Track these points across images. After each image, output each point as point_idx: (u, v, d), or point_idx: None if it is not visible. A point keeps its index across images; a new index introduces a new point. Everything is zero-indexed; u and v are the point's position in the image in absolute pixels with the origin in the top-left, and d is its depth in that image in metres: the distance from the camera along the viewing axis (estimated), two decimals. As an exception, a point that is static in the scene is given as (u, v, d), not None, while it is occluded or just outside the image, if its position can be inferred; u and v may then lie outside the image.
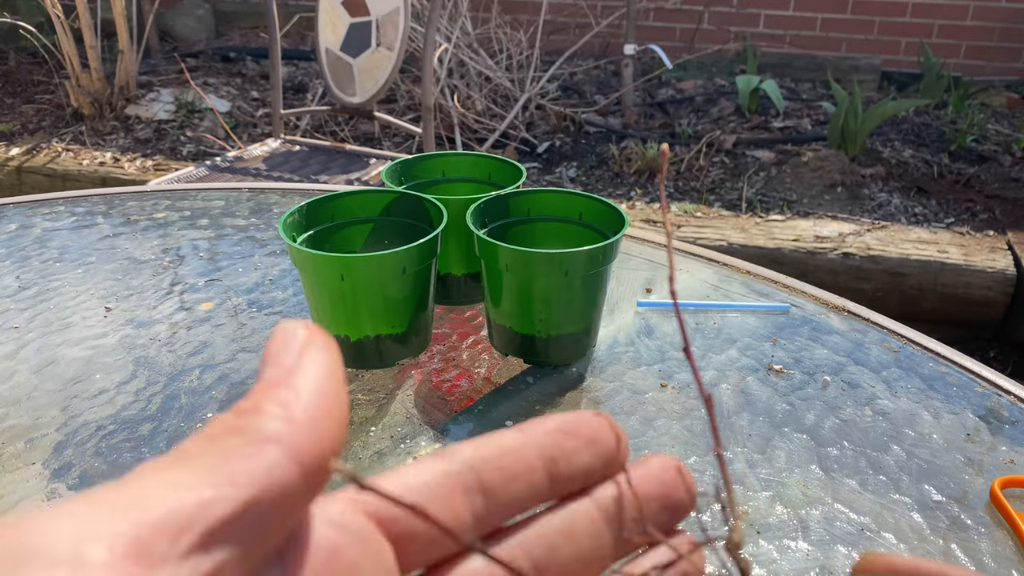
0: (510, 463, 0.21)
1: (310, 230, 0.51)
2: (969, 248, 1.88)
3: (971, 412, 0.49)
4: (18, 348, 0.53)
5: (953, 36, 3.00)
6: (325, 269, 0.45)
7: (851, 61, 3.05)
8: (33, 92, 3.01)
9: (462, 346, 0.53)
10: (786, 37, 3.14)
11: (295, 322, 0.18)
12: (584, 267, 0.46)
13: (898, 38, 3.05)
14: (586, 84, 3.04)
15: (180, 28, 3.59)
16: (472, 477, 0.21)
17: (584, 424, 0.23)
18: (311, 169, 1.58)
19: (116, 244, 0.70)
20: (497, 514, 0.21)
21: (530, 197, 0.53)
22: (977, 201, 2.20)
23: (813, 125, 2.68)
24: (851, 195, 2.21)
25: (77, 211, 0.78)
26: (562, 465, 0.22)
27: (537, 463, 0.22)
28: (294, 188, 0.85)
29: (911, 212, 2.14)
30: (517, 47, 2.72)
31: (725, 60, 3.16)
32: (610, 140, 2.58)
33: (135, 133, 2.66)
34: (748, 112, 2.75)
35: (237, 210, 0.79)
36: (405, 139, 2.60)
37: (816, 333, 0.56)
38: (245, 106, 2.86)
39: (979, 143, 2.55)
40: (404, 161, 0.59)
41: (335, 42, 1.62)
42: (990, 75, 3.02)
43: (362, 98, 1.61)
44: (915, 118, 2.74)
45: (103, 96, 2.71)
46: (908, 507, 0.41)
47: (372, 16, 1.58)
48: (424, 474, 0.20)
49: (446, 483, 0.20)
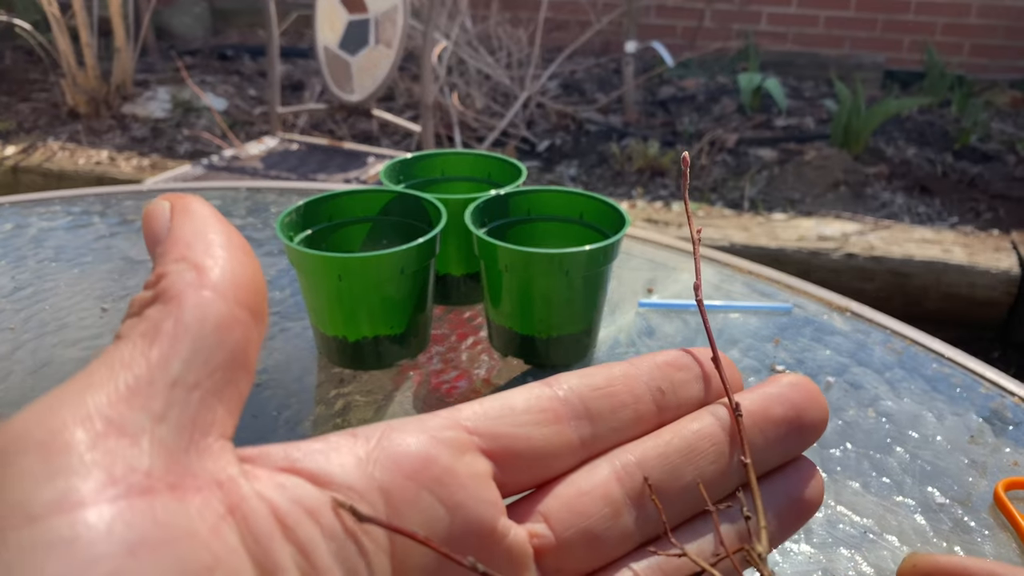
0: (618, 391, 0.21)
1: (308, 230, 0.50)
2: (973, 248, 1.88)
3: (975, 414, 0.48)
4: (13, 349, 0.53)
5: (957, 34, 2.99)
6: (322, 269, 0.45)
7: (854, 59, 3.04)
8: (29, 90, 3.01)
9: (461, 347, 0.53)
10: (788, 35, 3.13)
11: (159, 201, 0.19)
12: (585, 267, 0.45)
13: (901, 36, 3.04)
14: (587, 82, 3.04)
15: (177, 26, 3.59)
16: (579, 403, 0.21)
17: (694, 358, 0.23)
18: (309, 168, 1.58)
19: (112, 244, 0.70)
20: (604, 440, 0.21)
21: (530, 196, 0.53)
22: (981, 200, 2.20)
23: (816, 123, 2.67)
24: (854, 194, 2.21)
25: (73, 210, 0.78)
26: (670, 396, 0.22)
27: (645, 394, 0.22)
28: (291, 187, 0.84)
29: (915, 211, 2.14)
30: (517, 45, 2.71)
31: (727, 58, 3.16)
32: (611, 139, 2.58)
33: (131, 132, 2.65)
34: (750, 110, 2.74)
35: (234, 209, 0.79)
36: (403, 137, 2.60)
37: (819, 334, 0.56)
38: (242, 104, 2.86)
39: (983, 142, 2.54)
40: (403, 160, 0.59)
41: (333, 39, 1.61)
42: (994, 73, 3.01)
43: (360, 96, 1.60)
44: (919, 117, 2.74)
45: (99, 94, 2.71)
46: (911, 509, 0.40)
47: (370, 13, 1.58)
48: (530, 399, 0.20)
49: (551, 408, 0.20)
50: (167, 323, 0.16)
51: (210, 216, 0.18)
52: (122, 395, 0.14)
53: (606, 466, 0.21)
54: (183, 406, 0.15)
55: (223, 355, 0.16)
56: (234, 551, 0.14)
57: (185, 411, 0.15)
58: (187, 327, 0.16)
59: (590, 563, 0.20)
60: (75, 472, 0.13)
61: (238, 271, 0.17)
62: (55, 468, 0.13)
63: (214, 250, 0.17)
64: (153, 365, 0.15)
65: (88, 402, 0.14)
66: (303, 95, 2.88)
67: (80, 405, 0.14)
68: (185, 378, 0.15)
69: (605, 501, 0.20)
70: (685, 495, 0.21)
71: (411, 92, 2.74)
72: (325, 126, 2.64)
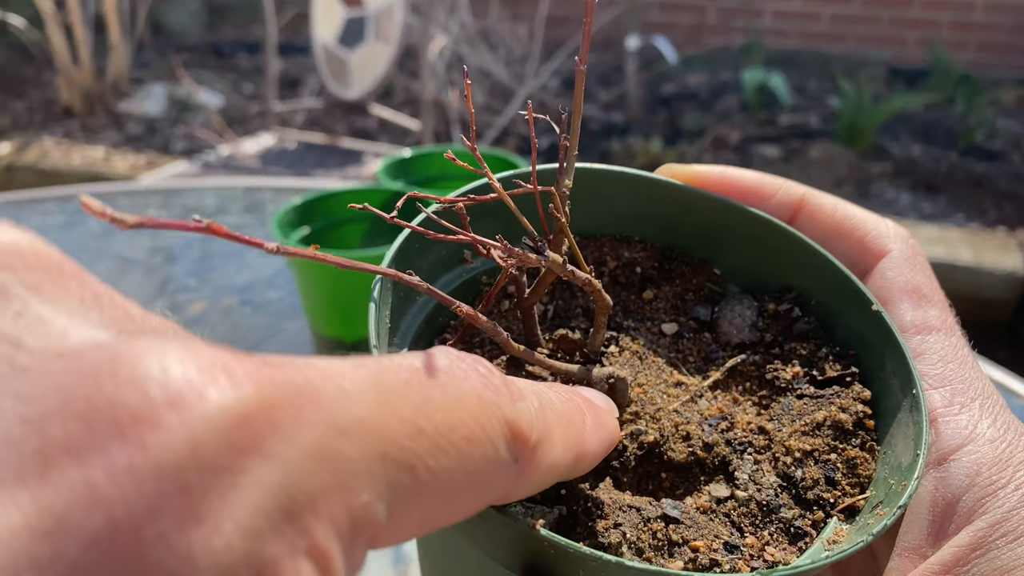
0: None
1: (305, 228, 0.48)
2: (979, 247, 1.86)
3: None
4: None
5: (962, 32, 2.97)
6: (320, 269, 0.43)
7: (858, 56, 3.02)
8: (23, 88, 2.98)
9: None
10: (792, 31, 3.11)
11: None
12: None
13: (906, 33, 3.02)
14: (588, 78, 3.02)
15: (173, 22, 3.56)
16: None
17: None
18: (305, 165, 1.56)
19: (107, 244, 0.68)
20: None
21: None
22: (986, 199, 2.18)
23: (820, 121, 2.65)
24: (859, 192, 2.19)
25: (67, 209, 0.76)
26: None
27: None
28: (288, 186, 0.82)
29: (920, 209, 2.12)
30: (517, 41, 2.69)
31: (730, 55, 3.14)
32: (612, 135, 2.56)
33: (127, 129, 2.63)
34: (754, 108, 2.72)
35: (230, 208, 0.77)
36: (402, 134, 2.57)
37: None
38: (239, 101, 2.83)
39: (989, 140, 2.53)
40: (401, 157, 0.57)
41: (331, 36, 1.59)
42: (1000, 71, 2.99)
43: (358, 93, 1.58)
44: (923, 114, 2.72)
45: (94, 92, 2.68)
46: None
47: (368, 9, 1.55)
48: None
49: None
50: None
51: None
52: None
53: None
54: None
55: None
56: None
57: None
58: None
59: None
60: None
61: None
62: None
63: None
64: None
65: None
66: (300, 91, 2.85)
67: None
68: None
69: None
70: None
71: (409, 89, 2.72)
72: (323, 123, 2.62)
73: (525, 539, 0.20)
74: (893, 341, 0.25)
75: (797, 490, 0.24)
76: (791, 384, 0.27)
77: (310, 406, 0.13)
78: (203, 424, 0.12)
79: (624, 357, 0.27)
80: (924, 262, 0.28)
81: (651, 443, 0.24)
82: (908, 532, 0.23)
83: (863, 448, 0.25)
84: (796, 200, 0.29)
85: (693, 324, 0.29)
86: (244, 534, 0.11)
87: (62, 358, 0.12)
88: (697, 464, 0.24)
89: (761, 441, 0.25)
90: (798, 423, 0.25)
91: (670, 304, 0.30)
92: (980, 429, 0.24)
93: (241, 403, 0.12)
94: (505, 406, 0.17)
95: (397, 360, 0.16)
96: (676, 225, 0.30)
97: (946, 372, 0.25)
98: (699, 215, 0.29)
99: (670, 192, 0.30)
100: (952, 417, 0.24)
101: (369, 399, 0.14)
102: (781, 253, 0.28)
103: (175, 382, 0.12)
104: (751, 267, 0.30)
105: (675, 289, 0.30)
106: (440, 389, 0.15)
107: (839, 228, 0.28)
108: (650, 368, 0.27)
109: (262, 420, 0.12)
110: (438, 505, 0.15)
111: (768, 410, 0.26)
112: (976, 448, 0.23)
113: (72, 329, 0.13)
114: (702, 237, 0.30)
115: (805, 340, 0.28)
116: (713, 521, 0.23)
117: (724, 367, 0.27)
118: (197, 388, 0.12)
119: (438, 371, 0.16)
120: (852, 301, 0.27)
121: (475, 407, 0.16)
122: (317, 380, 0.13)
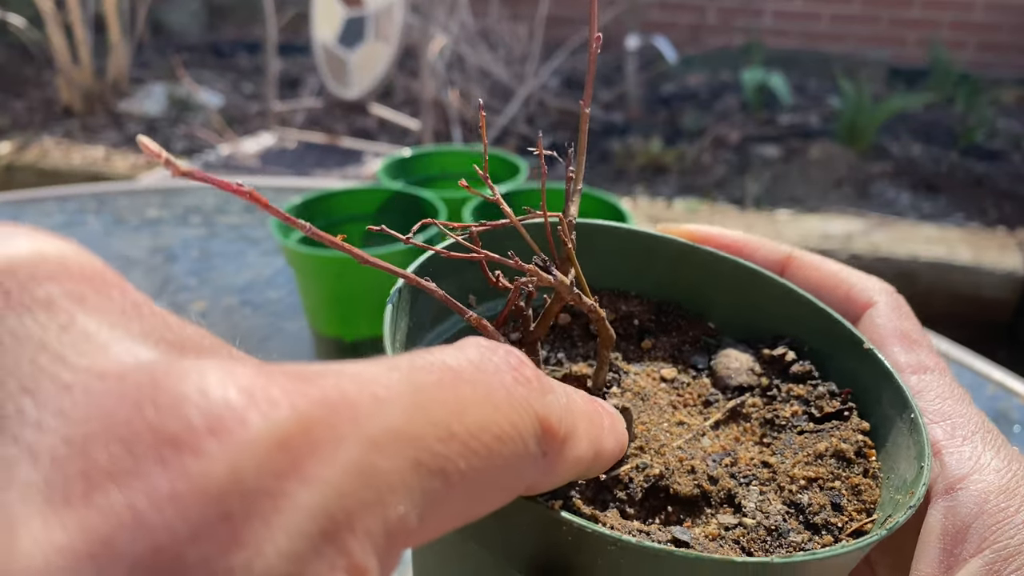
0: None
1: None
2: (978, 247, 1.86)
3: (1006, 422, 0.46)
4: None
5: (962, 31, 2.97)
6: (320, 269, 0.43)
7: (858, 56, 3.02)
8: (23, 87, 2.98)
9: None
10: (792, 31, 3.11)
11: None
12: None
13: (906, 32, 3.02)
14: (587, 79, 3.01)
15: (173, 22, 3.56)
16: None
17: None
18: (305, 165, 1.56)
19: (107, 243, 0.68)
20: None
21: (530, 194, 0.51)
22: (986, 198, 2.18)
23: (820, 121, 2.65)
24: (859, 192, 2.19)
25: (67, 209, 0.76)
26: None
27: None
28: (288, 185, 0.82)
29: (920, 209, 2.12)
30: (517, 41, 2.69)
31: (730, 55, 3.13)
32: (612, 135, 2.56)
33: (127, 129, 2.63)
34: (754, 107, 2.72)
35: (230, 207, 0.77)
36: (402, 134, 2.57)
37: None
38: (239, 101, 2.84)
39: (989, 140, 2.53)
40: (401, 157, 0.57)
41: (331, 36, 1.59)
42: (1000, 71, 2.99)
43: (358, 92, 1.58)
44: (923, 114, 2.72)
45: (94, 91, 2.68)
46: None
47: (368, 9, 1.55)
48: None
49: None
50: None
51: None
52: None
53: None
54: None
55: None
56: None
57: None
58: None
59: None
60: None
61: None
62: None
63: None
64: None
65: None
66: (300, 91, 2.85)
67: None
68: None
69: None
70: None
71: (409, 89, 2.72)
72: (322, 123, 2.62)
73: (542, 524, 0.20)
74: (887, 375, 0.26)
75: (805, 515, 0.24)
76: (791, 422, 0.27)
77: (346, 422, 0.13)
78: (243, 450, 0.12)
79: (626, 398, 0.28)
80: (909, 311, 0.29)
81: (656, 475, 0.24)
82: (920, 561, 0.23)
83: (866, 475, 0.25)
84: (782, 257, 0.30)
85: (692, 371, 0.30)
86: (286, 558, 0.12)
87: (104, 379, 0.12)
88: (703, 497, 0.25)
89: (765, 474, 0.25)
90: (800, 455, 0.26)
91: (668, 353, 0.31)
92: (984, 459, 0.24)
93: (279, 427, 0.12)
94: (535, 401, 0.17)
95: (428, 359, 0.16)
96: (670, 280, 0.31)
97: (945, 408, 0.26)
98: (691, 268, 0.31)
99: (664, 245, 0.31)
100: (955, 448, 0.24)
101: (402, 405, 0.14)
102: (772, 301, 0.30)
103: (215, 407, 0.12)
104: (744, 319, 0.31)
105: (672, 340, 0.31)
106: (471, 386, 0.16)
107: (825, 282, 0.30)
108: (652, 408, 0.28)
109: (300, 441, 0.12)
110: (466, 503, 0.15)
111: (770, 447, 0.27)
112: (982, 477, 0.24)
113: (114, 343, 0.13)
114: (695, 291, 0.31)
115: (801, 382, 0.29)
116: (723, 546, 0.23)
117: (725, 408, 0.28)
118: (237, 413, 0.12)
119: (469, 366, 0.16)
120: (844, 343, 0.28)
121: (506, 405, 0.16)
122: (351, 391, 0.14)
